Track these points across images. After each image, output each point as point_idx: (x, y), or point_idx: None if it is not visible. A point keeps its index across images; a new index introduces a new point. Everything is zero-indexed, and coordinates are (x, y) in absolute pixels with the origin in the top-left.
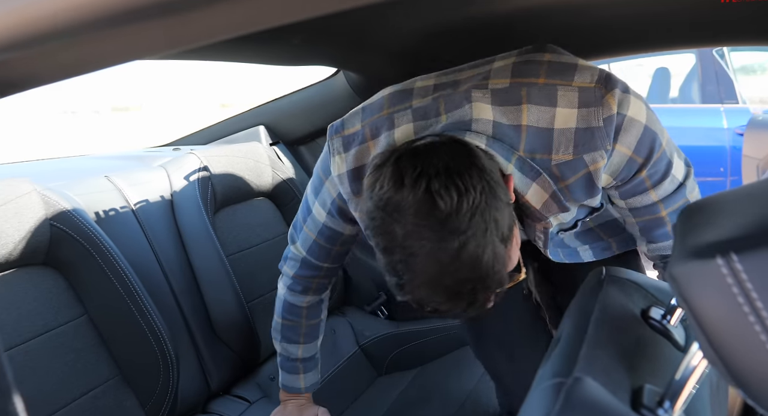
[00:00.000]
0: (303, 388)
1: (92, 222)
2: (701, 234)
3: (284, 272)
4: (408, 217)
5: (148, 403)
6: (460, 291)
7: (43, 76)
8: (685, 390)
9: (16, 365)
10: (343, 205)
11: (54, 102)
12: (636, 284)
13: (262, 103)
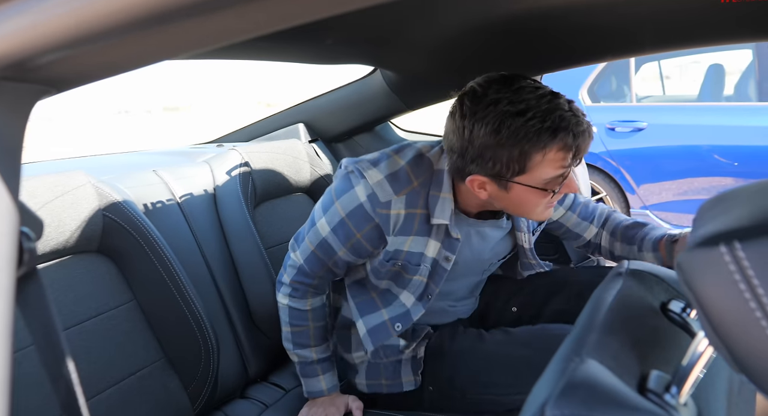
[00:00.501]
0: (325, 390)
1: (141, 213)
2: (710, 224)
3: (283, 281)
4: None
5: (190, 386)
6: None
7: (94, 73)
8: (691, 376)
9: (72, 344)
10: (349, 225)
11: (110, 102)
12: (657, 277)
13: (302, 101)
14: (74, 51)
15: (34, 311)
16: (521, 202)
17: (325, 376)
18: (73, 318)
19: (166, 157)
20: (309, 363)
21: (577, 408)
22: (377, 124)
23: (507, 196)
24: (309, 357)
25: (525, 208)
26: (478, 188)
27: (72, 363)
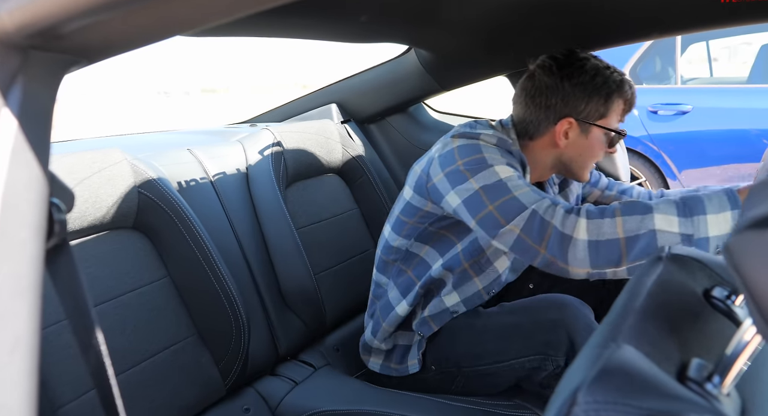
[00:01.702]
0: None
1: (175, 191)
2: (761, 206)
3: (554, 215)
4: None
5: (221, 362)
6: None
7: (124, 42)
8: (735, 366)
9: (108, 318)
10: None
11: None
12: (700, 263)
13: (335, 82)
14: (104, 16)
15: (65, 282)
16: (591, 149)
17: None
18: (109, 292)
19: (200, 136)
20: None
21: (612, 394)
22: (411, 104)
23: (583, 142)
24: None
25: (589, 157)
26: (562, 135)
27: (101, 333)
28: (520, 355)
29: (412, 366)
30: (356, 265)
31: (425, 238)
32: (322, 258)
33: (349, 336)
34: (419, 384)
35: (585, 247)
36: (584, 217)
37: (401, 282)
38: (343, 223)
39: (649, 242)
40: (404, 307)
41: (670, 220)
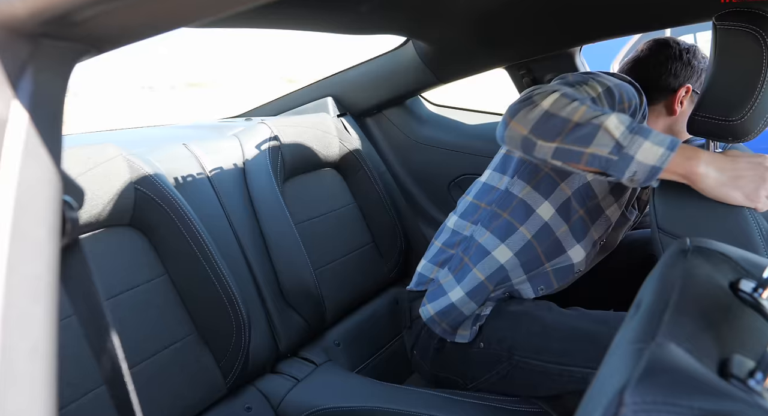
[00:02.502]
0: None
1: (172, 187)
2: None
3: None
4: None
5: (222, 360)
6: None
7: (136, 30)
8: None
9: None
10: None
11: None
12: (724, 255)
13: (330, 75)
14: (119, 3)
15: (77, 283)
16: None
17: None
18: (105, 291)
19: (195, 130)
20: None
21: (660, 394)
22: (408, 97)
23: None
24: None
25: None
26: (678, 102)
27: (117, 337)
28: (587, 365)
29: (461, 336)
30: (355, 260)
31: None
32: (320, 254)
33: (349, 331)
34: (455, 355)
35: (539, 114)
36: (559, 94)
37: (498, 226)
38: (341, 218)
39: (589, 133)
40: (506, 253)
41: (618, 127)
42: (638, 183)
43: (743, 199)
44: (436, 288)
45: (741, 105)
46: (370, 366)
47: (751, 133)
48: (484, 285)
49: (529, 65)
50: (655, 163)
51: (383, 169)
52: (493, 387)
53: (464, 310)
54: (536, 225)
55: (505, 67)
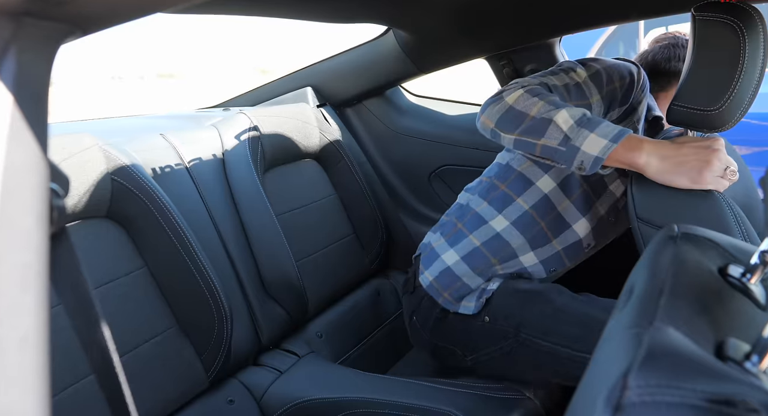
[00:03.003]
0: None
1: (150, 178)
2: None
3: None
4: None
5: (203, 353)
6: None
7: (123, 11)
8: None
9: None
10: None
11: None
12: (712, 242)
13: (309, 65)
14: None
15: (65, 273)
16: None
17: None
18: None
19: (172, 120)
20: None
21: (664, 377)
22: (388, 88)
23: None
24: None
25: None
26: None
27: (106, 326)
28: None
29: (465, 308)
30: (336, 251)
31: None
32: (301, 245)
33: (331, 322)
34: (457, 326)
35: (503, 109)
36: (523, 90)
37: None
38: (322, 209)
39: (541, 127)
40: (502, 222)
41: (567, 121)
42: (585, 171)
43: (690, 183)
44: (429, 252)
45: (719, 95)
46: (352, 357)
47: (727, 123)
48: (483, 254)
49: (510, 56)
50: (597, 154)
51: (363, 160)
52: (493, 362)
53: (468, 281)
54: (534, 196)
55: (486, 57)
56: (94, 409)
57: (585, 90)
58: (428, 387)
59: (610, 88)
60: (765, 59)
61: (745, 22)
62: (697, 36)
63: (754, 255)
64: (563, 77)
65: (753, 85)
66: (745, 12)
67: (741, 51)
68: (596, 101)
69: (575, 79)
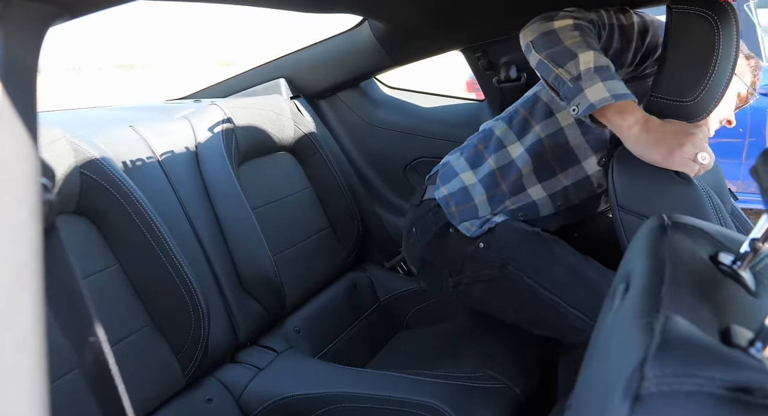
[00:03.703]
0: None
1: (121, 171)
2: None
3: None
4: None
5: (180, 351)
6: None
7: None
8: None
9: None
10: None
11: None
12: (702, 230)
13: (282, 56)
14: None
15: (56, 271)
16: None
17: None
18: None
19: (141, 112)
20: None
21: (680, 366)
22: (362, 79)
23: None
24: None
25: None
26: None
27: (100, 327)
28: (575, 305)
29: (466, 229)
30: (312, 245)
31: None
32: (277, 240)
33: (309, 317)
34: (452, 244)
35: (547, 28)
36: (573, 22)
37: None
38: (297, 202)
39: (566, 58)
40: (518, 148)
41: (588, 63)
42: (577, 114)
43: (660, 160)
44: (447, 169)
45: (694, 86)
46: (331, 352)
47: (703, 114)
48: (497, 181)
49: (485, 48)
50: (593, 101)
51: (339, 153)
52: (473, 286)
53: (479, 205)
54: (552, 126)
55: (461, 49)
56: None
57: (628, 33)
58: (409, 380)
59: (653, 41)
60: (737, 51)
61: (720, 15)
62: (672, 28)
63: (745, 243)
64: (612, 17)
65: (726, 76)
66: (720, 5)
67: (715, 43)
68: (636, 47)
69: (622, 21)
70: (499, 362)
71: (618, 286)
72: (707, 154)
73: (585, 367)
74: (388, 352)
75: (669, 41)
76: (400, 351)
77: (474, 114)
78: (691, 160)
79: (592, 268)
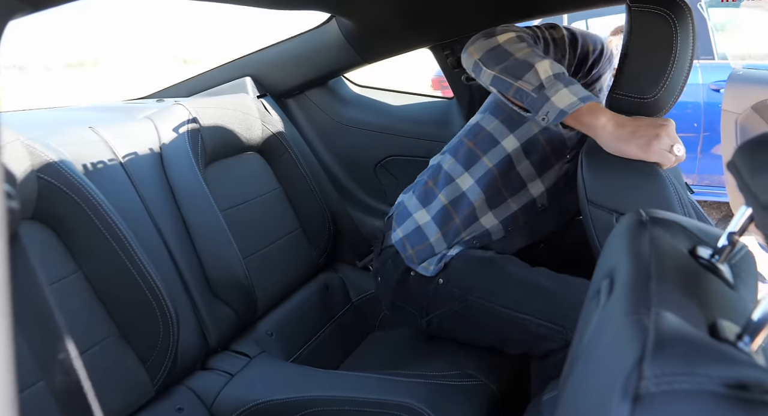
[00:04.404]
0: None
1: (81, 174)
2: None
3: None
4: None
5: (148, 361)
6: None
7: None
8: (764, 329)
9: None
10: None
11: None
12: (680, 225)
13: (248, 54)
14: None
15: (20, 282)
16: None
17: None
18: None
19: (100, 112)
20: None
21: (678, 365)
22: (330, 78)
23: None
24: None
25: None
26: None
27: (71, 342)
28: (535, 315)
29: (425, 269)
30: (283, 247)
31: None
32: (247, 242)
33: (281, 320)
34: (415, 287)
35: (492, 44)
36: (515, 34)
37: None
38: (267, 204)
39: (522, 69)
40: (467, 180)
41: (547, 71)
42: (548, 122)
43: (638, 152)
44: (401, 210)
45: (654, 84)
46: (305, 354)
47: (662, 110)
48: (450, 215)
49: (453, 46)
50: (563, 107)
51: (308, 152)
52: (444, 322)
53: (434, 244)
54: (498, 155)
55: (430, 47)
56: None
57: (561, 47)
58: (385, 380)
59: (584, 51)
60: (694, 49)
61: (677, 14)
62: (632, 26)
63: (722, 237)
64: (545, 32)
65: (684, 73)
66: (676, 4)
67: (673, 41)
68: (569, 59)
69: (554, 35)
70: (473, 360)
71: (602, 283)
72: (681, 146)
73: (572, 367)
74: (361, 353)
75: (629, 39)
76: (373, 351)
77: (444, 112)
78: (667, 151)
79: (545, 276)
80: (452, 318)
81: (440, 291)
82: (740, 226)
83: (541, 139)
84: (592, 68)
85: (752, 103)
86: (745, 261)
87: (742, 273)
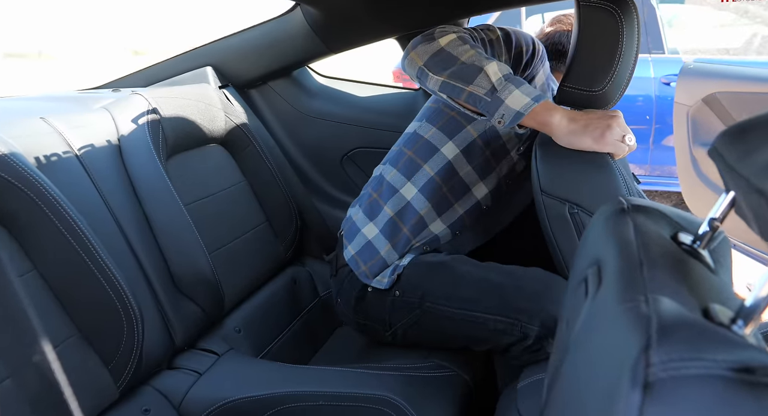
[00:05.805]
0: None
1: (34, 167)
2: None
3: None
4: None
5: (111, 362)
6: None
7: None
8: (760, 311)
9: None
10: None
11: None
12: (660, 211)
13: (209, 42)
14: None
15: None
16: None
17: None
18: None
19: (52, 102)
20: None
21: (684, 350)
22: (295, 68)
23: None
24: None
25: None
26: None
27: (48, 344)
28: (489, 312)
29: (379, 282)
30: (249, 241)
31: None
32: (212, 237)
33: (249, 316)
34: (374, 302)
35: (434, 49)
36: (456, 35)
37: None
38: (231, 197)
39: (471, 73)
40: (411, 190)
41: (496, 73)
42: (504, 125)
43: (593, 143)
44: (350, 226)
45: (602, 77)
46: (274, 350)
47: (611, 102)
48: (397, 226)
49: None
50: (519, 109)
51: (272, 144)
52: (407, 333)
53: (385, 256)
54: (439, 163)
55: (396, 37)
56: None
57: (497, 48)
58: (358, 374)
59: (517, 51)
60: (639, 43)
61: (623, 9)
62: (581, 21)
63: (704, 223)
64: (481, 33)
65: (630, 66)
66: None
67: (620, 36)
68: (505, 60)
69: (490, 36)
70: (445, 351)
71: (587, 271)
72: (632, 135)
73: (563, 357)
74: (331, 348)
75: (578, 34)
76: (343, 346)
77: (410, 103)
78: (620, 142)
79: (495, 272)
80: (415, 328)
81: (398, 303)
82: (721, 212)
83: (479, 143)
84: (526, 69)
85: (703, 95)
86: (723, 246)
87: (720, 258)
